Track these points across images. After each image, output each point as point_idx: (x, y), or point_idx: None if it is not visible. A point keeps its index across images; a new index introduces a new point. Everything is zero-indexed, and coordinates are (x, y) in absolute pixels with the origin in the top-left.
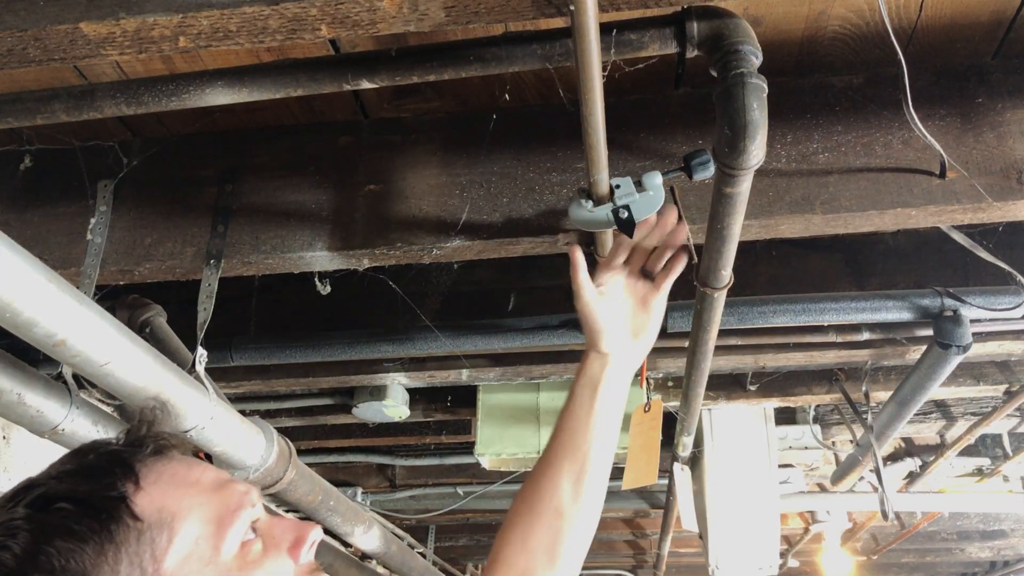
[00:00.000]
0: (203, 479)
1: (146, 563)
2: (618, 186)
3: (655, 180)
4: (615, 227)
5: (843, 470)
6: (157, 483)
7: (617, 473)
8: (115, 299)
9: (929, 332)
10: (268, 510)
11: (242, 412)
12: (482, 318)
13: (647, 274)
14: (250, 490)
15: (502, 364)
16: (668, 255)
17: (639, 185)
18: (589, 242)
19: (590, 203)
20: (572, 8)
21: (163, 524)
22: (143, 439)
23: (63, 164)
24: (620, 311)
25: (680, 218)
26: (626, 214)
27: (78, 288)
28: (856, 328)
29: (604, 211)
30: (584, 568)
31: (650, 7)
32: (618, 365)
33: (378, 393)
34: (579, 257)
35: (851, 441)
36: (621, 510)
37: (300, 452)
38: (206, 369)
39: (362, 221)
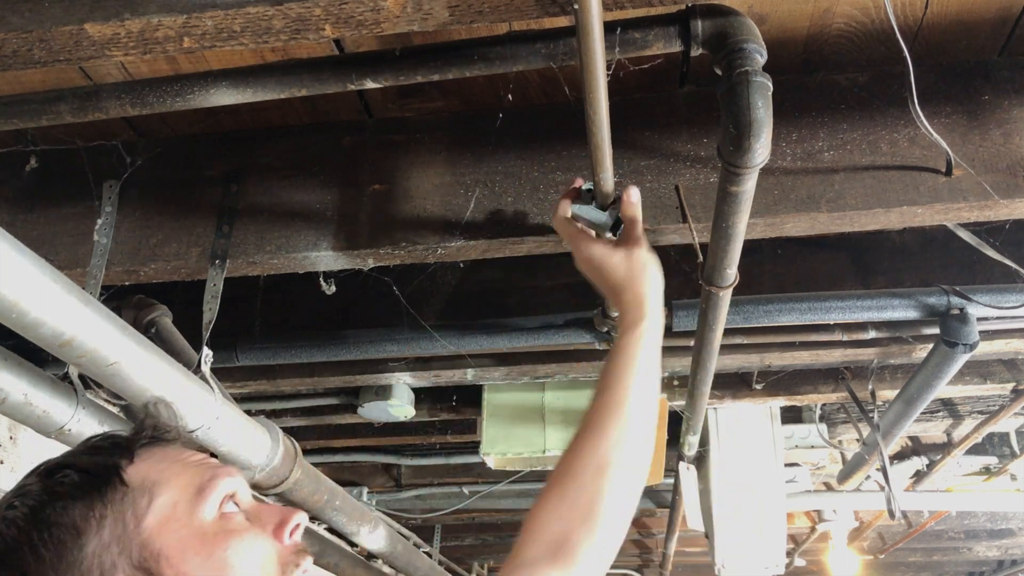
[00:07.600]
0: (189, 459)
1: (128, 520)
2: (619, 196)
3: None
4: (608, 231)
5: (849, 469)
6: (148, 459)
7: None
8: (121, 299)
9: (936, 330)
10: (257, 499)
11: (247, 412)
12: (488, 317)
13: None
14: (230, 468)
15: (507, 364)
16: None
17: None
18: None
19: (593, 204)
20: (576, 7)
21: (145, 489)
22: (145, 429)
23: (69, 165)
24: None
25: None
26: (618, 221)
27: (84, 288)
28: (862, 327)
29: (604, 215)
30: None
31: (654, 5)
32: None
33: (383, 393)
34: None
35: (857, 440)
36: None
37: (305, 452)
38: (211, 369)
39: (367, 221)
